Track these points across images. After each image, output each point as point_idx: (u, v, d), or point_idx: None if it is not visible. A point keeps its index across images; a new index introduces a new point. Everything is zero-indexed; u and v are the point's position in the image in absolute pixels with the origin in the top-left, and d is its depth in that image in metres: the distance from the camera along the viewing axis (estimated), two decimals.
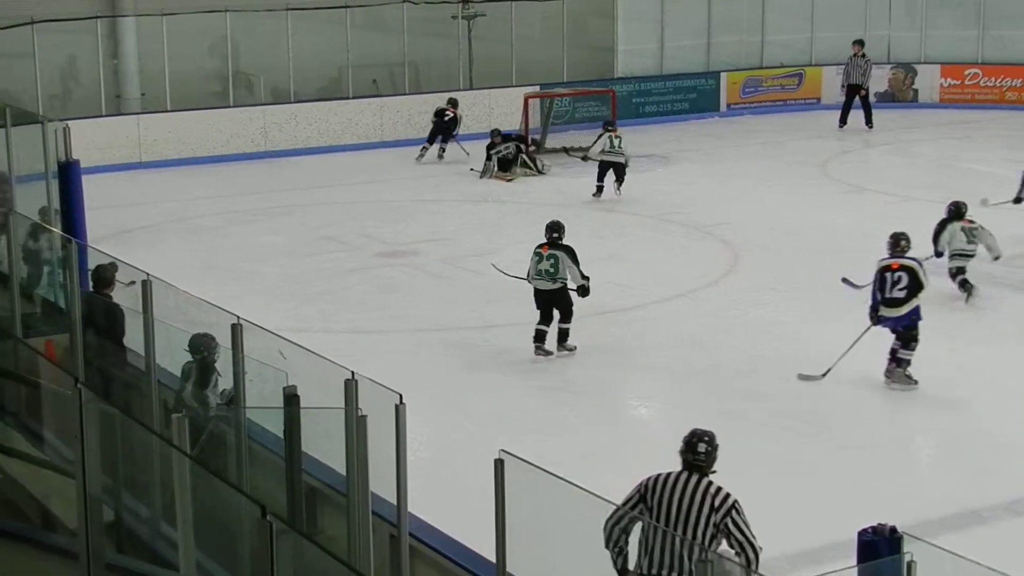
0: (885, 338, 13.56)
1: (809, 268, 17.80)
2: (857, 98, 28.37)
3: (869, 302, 13.71)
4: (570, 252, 14.57)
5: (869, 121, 28.17)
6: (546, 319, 14.58)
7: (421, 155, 25.48)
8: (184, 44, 26.94)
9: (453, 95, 26.68)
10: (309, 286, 17.43)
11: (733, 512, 7.56)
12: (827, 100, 30.90)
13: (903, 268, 13.53)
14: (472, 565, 7.89)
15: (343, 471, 7.67)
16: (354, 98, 27.65)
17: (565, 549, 6.95)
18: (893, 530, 6.84)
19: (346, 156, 26.28)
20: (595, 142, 22.71)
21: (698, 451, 7.82)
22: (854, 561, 6.85)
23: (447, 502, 9.53)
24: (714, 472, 7.83)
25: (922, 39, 31.66)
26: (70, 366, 10.12)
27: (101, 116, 25.47)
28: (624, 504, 7.63)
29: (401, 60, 28.49)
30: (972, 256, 16.50)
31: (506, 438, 10.95)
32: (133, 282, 16.91)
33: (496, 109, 28.18)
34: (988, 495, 11.00)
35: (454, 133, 25.78)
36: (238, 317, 8.53)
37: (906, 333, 13.40)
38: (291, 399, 8.06)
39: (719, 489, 7.65)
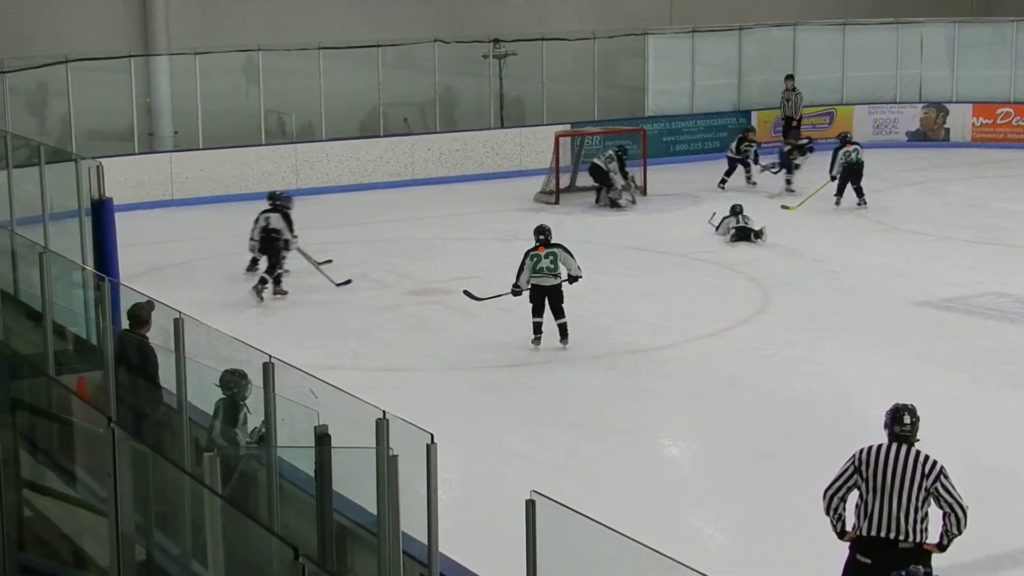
0: (906, 382, 13.48)
1: (840, 307, 17.77)
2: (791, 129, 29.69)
3: None
4: (564, 247, 16.19)
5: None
6: (541, 312, 16.02)
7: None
8: (217, 82, 27.12)
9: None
10: (340, 324, 17.45)
11: (942, 477, 8.42)
12: (859, 139, 30.75)
13: None
14: None
15: (374, 510, 7.65)
16: (385, 136, 27.73)
17: None
18: (928, 574, 6.81)
19: (377, 194, 26.34)
20: None
21: (904, 423, 8.61)
22: None
23: (478, 542, 9.51)
24: (918, 440, 8.61)
25: (954, 78, 31.59)
26: (102, 404, 10.13)
27: (134, 154, 25.60)
28: (840, 476, 8.61)
29: (432, 99, 28.59)
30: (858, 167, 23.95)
31: (537, 477, 10.92)
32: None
33: (527, 147, 28.24)
34: (1022, 537, 10.92)
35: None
36: (270, 356, 8.54)
37: None
38: (322, 438, 8.06)
39: (927, 457, 8.49)
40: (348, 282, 19.13)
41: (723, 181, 26.33)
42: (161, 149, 26.45)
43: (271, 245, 18.71)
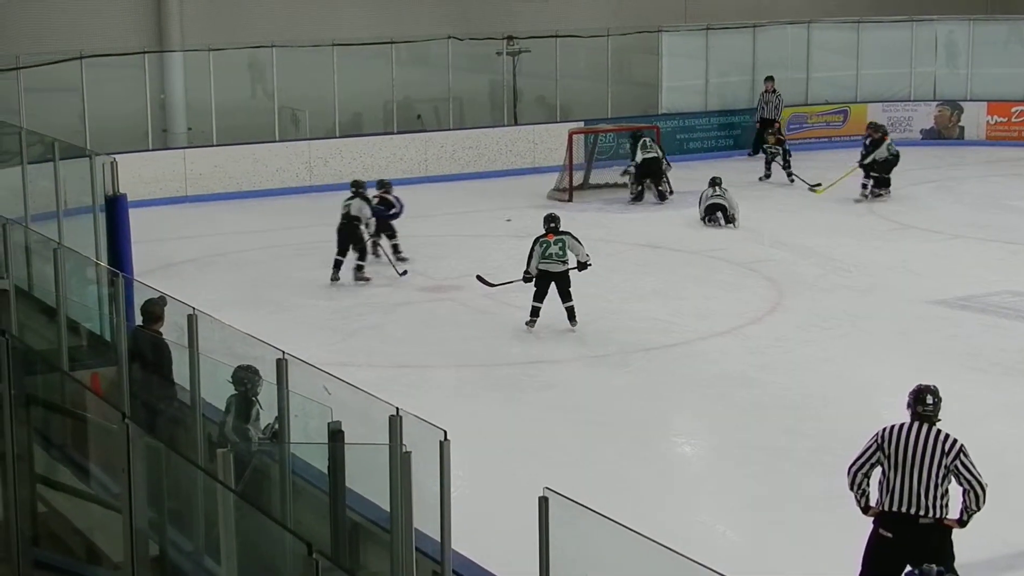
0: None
1: (854, 306, 17.73)
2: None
3: None
4: (572, 235, 16.71)
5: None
6: (542, 298, 16.52)
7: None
8: (231, 79, 27.16)
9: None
10: (354, 321, 17.47)
11: (961, 455, 8.75)
12: None
13: None
14: None
15: (387, 507, 7.65)
16: (399, 133, 27.76)
17: None
18: (941, 572, 6.80)
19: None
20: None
21: (927, 403, 8.93)
22: None
23: (491, 539, 9.51)
24: (939, 420, 8.93)
25: (968, 76, 31.53)
26: (116, 399, 10.15)
27: (148, 150, 25.66)
28: (864, 453, 8.94)
29: (446, 96, 28.60)
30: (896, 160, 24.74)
31: (549, 475, 10.92)
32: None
33: (540, 145, 28.22)
34: None
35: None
36: (283, 352, 8.55)
37: None
38: (336, 435, 8.06)
39: (947, 435, 8.82)
40: (404, 273, 19.53)
41: (765, 175, 26.88)
42: (175, 145, 26.50)
43: (354, 232, 19.35)
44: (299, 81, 27.69)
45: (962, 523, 8.83)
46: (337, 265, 19.31)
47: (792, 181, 26.38)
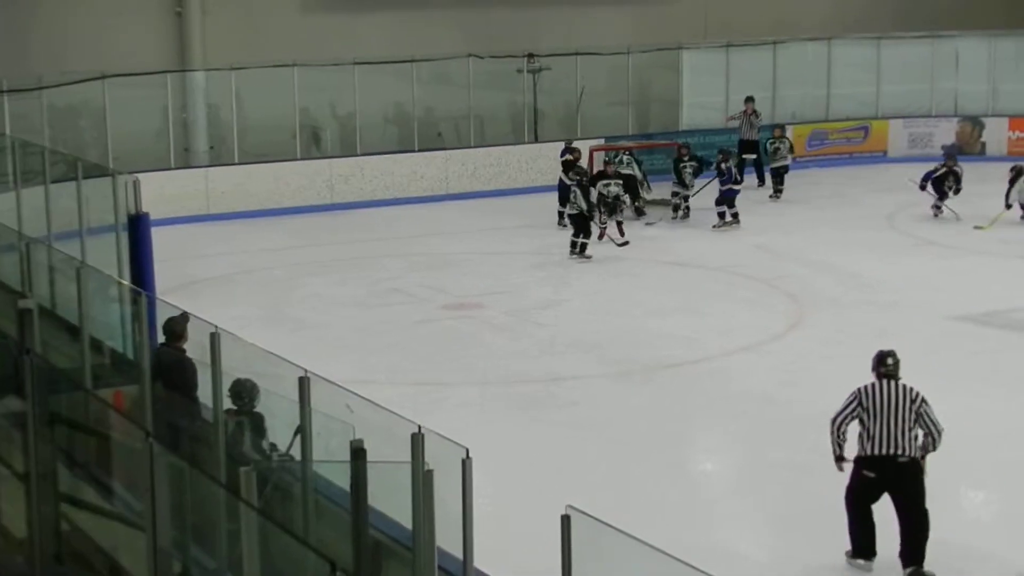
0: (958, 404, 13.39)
1: (876, 322, 17.68)
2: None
3: None
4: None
5: (761, 180, 27.90)
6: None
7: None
8: (252, 97, 27.25)
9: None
10: (375, 338, 17.48)
11: (924, 403, 10.35)
12: (893, 153, 30.77)
13: None
14: None
15: (409, 525, 7.65)
16: (419, 151, 27.80)
17: None
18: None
19: (411, 208, 26.39)
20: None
21: (888, 363, 10.51)
22: None
23: (513, 557, 9.51)
24: (901, 378, 10.45)
25: (990, 92, 31.47)
26: (139, 418, 10.17)
27: (170, 169, 25.74)
28: (845, 408, 10.51)
29: (466, 113, 28.65)
30: None
31: (572, 493, 10.90)
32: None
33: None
34: None
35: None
36: (305, 370, 8.56)
37: None
38: (358, 453, 8.06)
39: (911, 388, 10.40)
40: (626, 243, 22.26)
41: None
42: (197, 164, 26.56)
43: (632, 186, 24.48)
44: (320, 99, 27.78)
45: (922, 459, 10.34)
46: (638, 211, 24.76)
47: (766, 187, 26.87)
